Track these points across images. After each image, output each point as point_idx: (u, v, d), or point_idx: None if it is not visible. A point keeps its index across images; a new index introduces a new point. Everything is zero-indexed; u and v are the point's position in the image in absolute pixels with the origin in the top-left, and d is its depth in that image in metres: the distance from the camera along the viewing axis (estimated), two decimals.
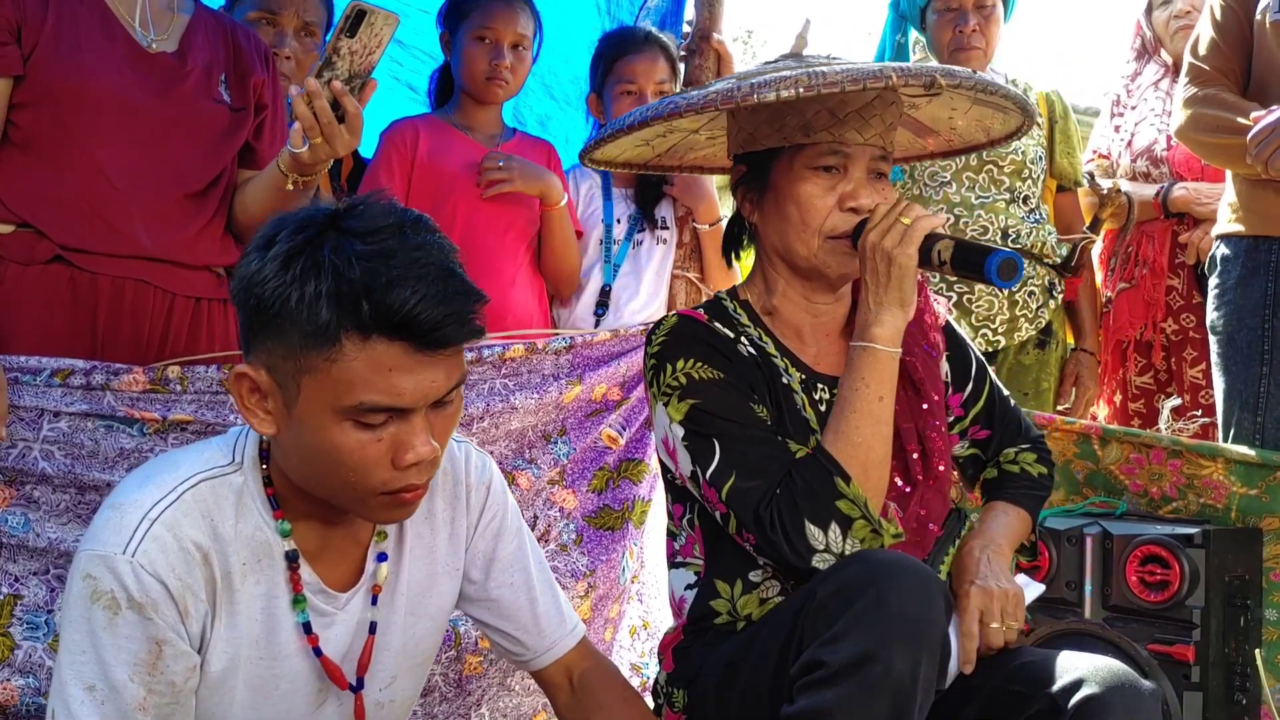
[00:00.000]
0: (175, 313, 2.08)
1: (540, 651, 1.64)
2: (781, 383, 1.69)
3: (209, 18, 2.18)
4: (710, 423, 1.62)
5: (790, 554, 1.54)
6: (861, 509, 1.54)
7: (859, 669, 1.38)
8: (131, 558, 1.30)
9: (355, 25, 1.72)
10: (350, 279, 1.23)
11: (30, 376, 1.87)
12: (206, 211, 2.10)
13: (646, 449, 2.55)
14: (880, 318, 1.60)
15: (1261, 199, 2.50)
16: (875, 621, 1.39)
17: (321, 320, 1.24)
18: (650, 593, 2.72)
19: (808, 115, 1.64)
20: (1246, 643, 2.17)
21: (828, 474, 1.55)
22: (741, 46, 16.97)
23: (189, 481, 1.36)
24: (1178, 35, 3.22)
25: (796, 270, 1.73)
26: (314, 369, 1.26)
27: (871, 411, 1.58)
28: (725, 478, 1.59)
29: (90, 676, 1.30)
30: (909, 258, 1.57)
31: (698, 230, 2.92)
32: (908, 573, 1.44)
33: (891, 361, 1.61)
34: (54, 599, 1.91)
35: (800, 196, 1.66)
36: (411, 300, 1.23)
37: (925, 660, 1.40)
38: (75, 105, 1.97)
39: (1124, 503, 2.37)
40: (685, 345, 1.67)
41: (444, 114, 2.85)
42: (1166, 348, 3.21)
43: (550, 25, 2.96)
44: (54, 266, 1.97)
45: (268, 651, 1.42)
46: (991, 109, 1.80)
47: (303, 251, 1.26)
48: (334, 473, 1.31)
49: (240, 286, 1.32)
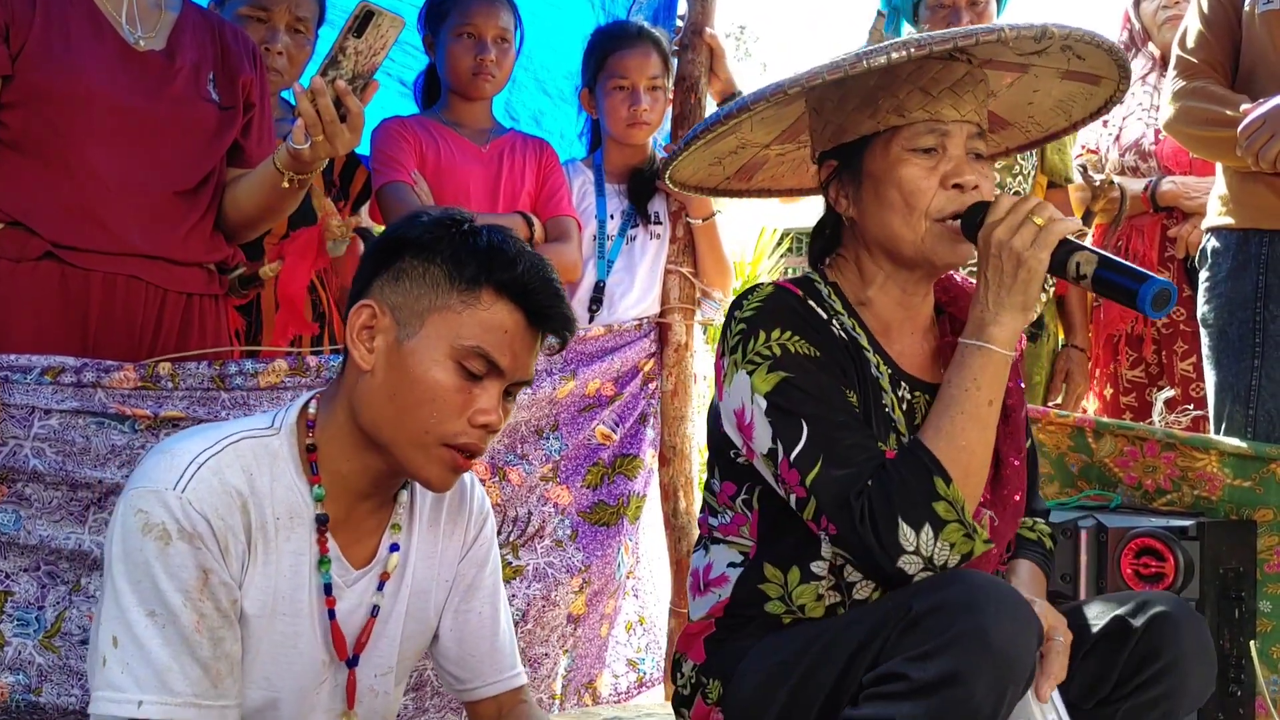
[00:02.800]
0: (167, 309, 2.07)
1: (480, 684, 1.72)
2: (871, 375, 1.63)
3: (196, 15, 2.17)
4: (802, 400, 1.54)
5: (878, 550, 1.47)
6: (958, 513, 1.48)
7: (940, 690, 1.36)
8: (181, 494, 1.41)
9: (363, 26, 1.73)
10: (500, 247, 1.49)
11: (20, 375, 1.87)
12: (197, 209, 2.10)
13: (641, 444, 2.55)
14: (1000, 318, 1.53)
15: (1252, 192, 2.50)
16: (971, 648, 1.36)
17: (469, 271, 1.47)
18: (646, 588, 2.72)
19: (900, 96, 1.59)
20: (1241, 635, 2.18)
21: (928, 472, 1.48)
22: (734, 42, 16.98)
23: (233, 437, 1.48)
24: (1166, 27, 3.22)
25: (900, 261, 1.65)
26: (447, 308, 1.47)
27: (980, 415, 1.52)
28: (812, 461, 1.52)
29: (150, 603, 1.39)
30: (1040, 262, 1.50)
31: (691, 225, 2.91)
32: (1011, 604, 1.40)
33: (1005, 365, 1.54)
34: (45, 596, 1.90)
35: (902, 180, 1.60)
36: (539, 281, 1.50)
37: (1009, 696, 1.39)
38: (65, 105, 1.96)
39: (1118, 495, 2.37)
40: (782, 316, 1.60)
41: (432, 113, 2.84)
42: (1157, 341, 3.21)
43: (544, 20, 2.96)
44: (45, 263, 1.96)
45: (291, 608, 1.51)
46: (1082, 83, 1.73)
47: (461, 221, 1.52)
48: (417, 410, 1.46)
49: (387, 235, 1.55)
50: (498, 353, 1.48)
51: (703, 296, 2.93)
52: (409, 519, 1.63)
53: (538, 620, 2.39)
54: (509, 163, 2.78)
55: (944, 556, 1.48)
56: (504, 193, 2.75)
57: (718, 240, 2.95)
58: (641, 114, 2.82)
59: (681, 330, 2.85)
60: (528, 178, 2.79)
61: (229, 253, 2.19)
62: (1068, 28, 1.54)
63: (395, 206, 2.63)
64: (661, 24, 3.05)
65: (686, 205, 2.90)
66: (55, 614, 1.91)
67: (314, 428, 1.53)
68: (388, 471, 1.54)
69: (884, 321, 1.69)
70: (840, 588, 1.63)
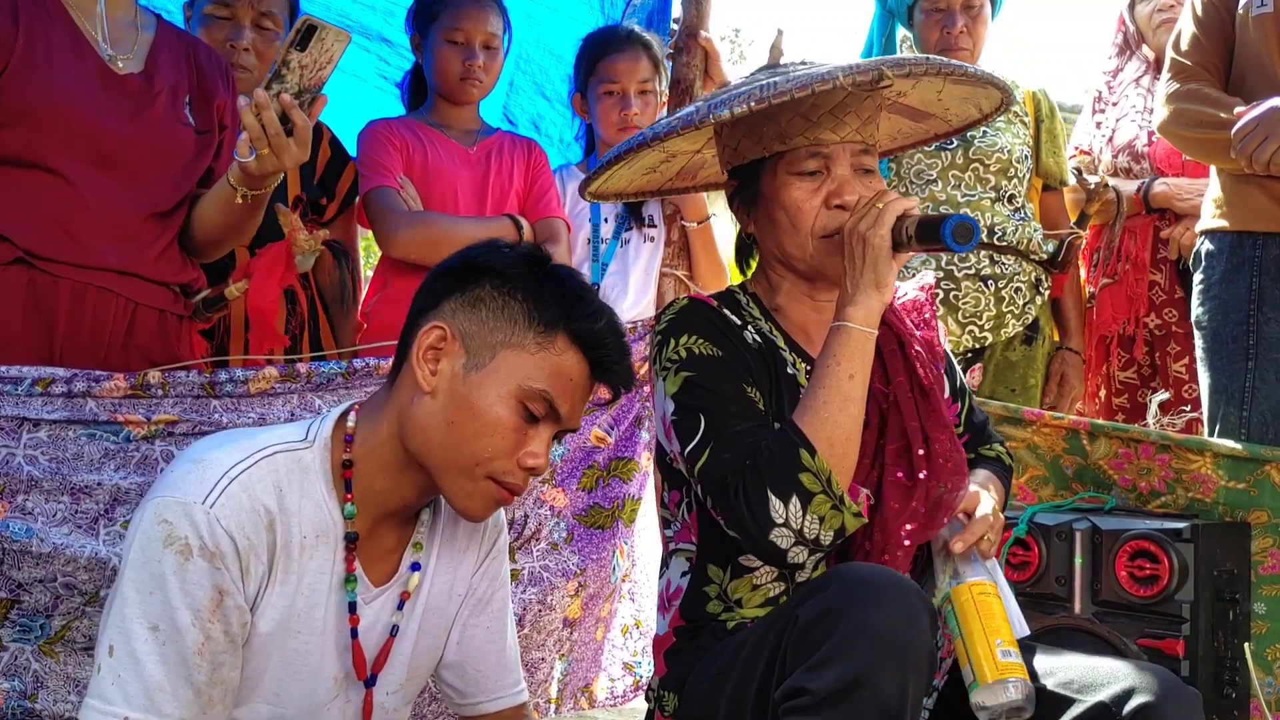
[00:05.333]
0: (138, 322, 2.07)
1: (483, 699, 1.70)
2: (787, 373, 1.71)
3: (171, 36, 2.17)
4: (701, 395, 1.63)
5: (751, 525, 1.53)
6: (824, 483, 1.53)
7: (846, 696, 1.36)
8: (209, 509, 1.37)
9: (305, 40, 1.71)
10: (581, 295, 1.51)
11: (11, 386, 1.85)
12: (171, 231, 2.10)
13: (636, 448, 2.54)
14: (855, 298, 1.61)
15: (1245, 194, 2.51)
16: (860, 645, 1.37)
17: (549, 313, 1.47)
18: (642, 591, 2.72)
19: (782, 123, 1.67)
20: (1236, 637, 2.18)
21: (793, 445, 1.54)
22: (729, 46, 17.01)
23: (266, 450, 1.45)
24: (1160, 29, 3.23)
25: (797, 273, 1.75)
26: (521, 346, 1.46)
27: (840, 388, 1.58)
28: (703, 449, 1.59)
29: (155, 616, 1.35)
30: (881, 239, 1.59)
31: (686, 228, 2.91)
32: (890, 590, 1.42)
33: (866, 341, 1.61)
34: (56, 605, 1.88)
35: (787, 202, 1.69)
36: (613, 336, 1.52)
37: (913, 680, 1.39)
38: (45, 125, 1.96)
39: (1113, 498, 2.38)
40: (690, 324, 1.69)
41: (419, 116, 2.83)
42: (1150, 342, 3.22)
43: (542, 23, 2.95)
44: (14, 269, 1.95)
45: (306, 625, 1.48)
46: (972, 86, 1.80)
47: (545, 260, 1.53)
48: (473, 441, 1.45)
49: (467, 258, 1.53)
50: (561, 399, 1.47)
51: None
52: (430, 537, 1.61)
53: (534, 624, 2.39)
54: (497, 164, 2.78)
55: (814, 530, 1.53)
56: (492, 194, 2.75)
57: (713, 243, 2.95)
58: (632, 118, 2.82)
59: None
60: (516, 179, 2.79)
61: (197, 274, 2.19)
62: (905, 65, 1.59)
63: (382, 211, 2.63)
64: (656, 27, 3.05)
65: (682, 208, 2.90)
66: (63, 622, 1.89)
67: (352, 442, 1.50)
68: (422, 492, 1.52)
69: (800, 324, 1.78)
70: (784, 577, 1.67)
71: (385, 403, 1.51)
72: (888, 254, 1.60)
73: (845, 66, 1.56)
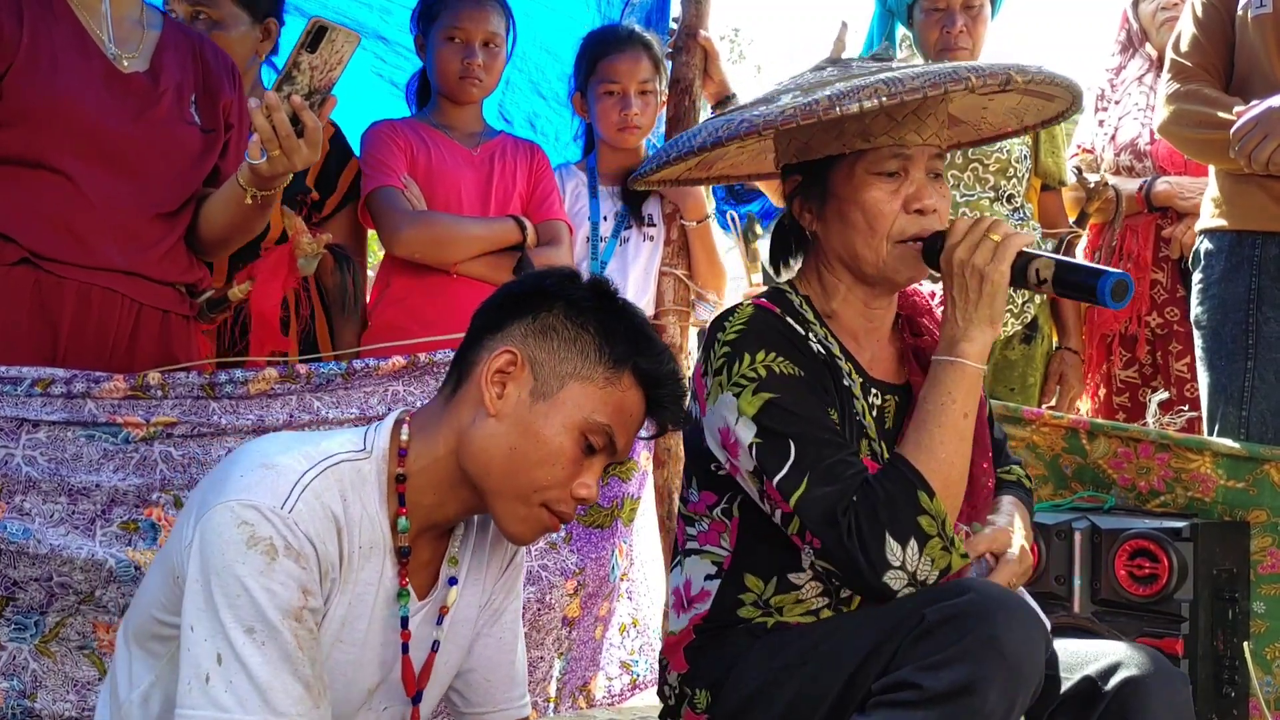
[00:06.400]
0: (143, 323, 2.07)
1: (489, 710, 1.69)
2: (844, 385, 1.66)
3: (177, 34, 2.17)
4: (788, 421, 1.57)
5: (864, 566, 1.49)
6: (940, 527, 1.51)
7: (954, 699, 1.37)
8: (288, 514, 1.35)
9: (316, 41, 1.72)
10: (647, 333, 1.52)
11: (11, 386, 1.86)
12: (177, 231, 2.10)
13: (635, 447, 2.54)
14: (970, 334, 1.58)
15: (1245, 194, 2.51)
16: (985, 656, 1.38)
17: (619, 350, 1.48)
18: (640, 590, 2.72)
19: (866, 120, 1.61)
20: (1235, 636, 2.18)
21: (912, 486, 1.51)
22: (728, 45, 17.00)
23: (332, 459, 1.43)
24: (1164, 27, 3.22)
25: (861, 277, 1.70)
26: (590, 380, 1.46)
27: (957, 427, 1.56)
28: (798, 480, 1.54)
29: (248, 619, 1.32)
30: (1001, 275, 1.56)
31: (685, 227, 2.91)
32: (1022, 613, 1.43)
33: (978, 378, 1.58)
34: (51, 602, 1.89)
35: (866, 203, 1.64)
36: (672, 376, 1.52)
37: (1020, 702, 1.40)
38: (50, 125, 1.96)
39: (1112, 497, 2.38)
40: (765, 338, 1.62)
41: (423, 116, 2.83)
42: (1151, 341, 3.22)
43: (539, 22, 2.95)
44: (19, 269, 1.96)
45: (350, 636, 1.46)
46: (1037, 98, 1.77)
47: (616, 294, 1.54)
48: (534, 468, 1.45)
49: (538, 282, 1.53)
50: (620, 433, 1.48)
51: (697, 299, 2.94)
52: (463, 551, 1.60)
53: (533, 623, 2.39)
54: (500, 166, 2.77)
55: (926, 572, 1.51)
56: (495, 196, 2.74)
57: (712, 242, 2.95)
58: (632, 118, 2.82)
59: (676, 332, 2.85)
60: (519, 181, 2.79)
61: (203, 274, 2.20)
62: (1029, 72, 1.58)
63: (386, 210, 2.63)
64: (655, 27, 3.05)
65: (681, 207, 2.91)
66: (57, 619, 1.90)
67: (405, 455, 1.48)
68: (468, 510, 1.51)
69: (851, 331, 1.73)
70: (829, 593, 1.65)
71: (442, 419, 1.49)
72: (1005, 290, 1.57)
73: (972, 67, 1.53)
